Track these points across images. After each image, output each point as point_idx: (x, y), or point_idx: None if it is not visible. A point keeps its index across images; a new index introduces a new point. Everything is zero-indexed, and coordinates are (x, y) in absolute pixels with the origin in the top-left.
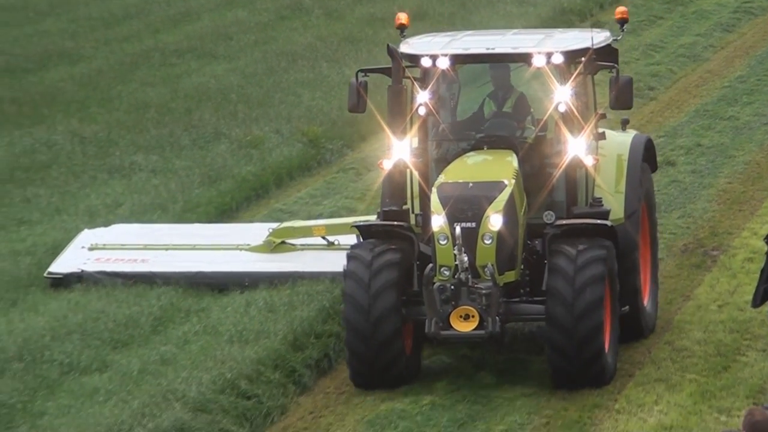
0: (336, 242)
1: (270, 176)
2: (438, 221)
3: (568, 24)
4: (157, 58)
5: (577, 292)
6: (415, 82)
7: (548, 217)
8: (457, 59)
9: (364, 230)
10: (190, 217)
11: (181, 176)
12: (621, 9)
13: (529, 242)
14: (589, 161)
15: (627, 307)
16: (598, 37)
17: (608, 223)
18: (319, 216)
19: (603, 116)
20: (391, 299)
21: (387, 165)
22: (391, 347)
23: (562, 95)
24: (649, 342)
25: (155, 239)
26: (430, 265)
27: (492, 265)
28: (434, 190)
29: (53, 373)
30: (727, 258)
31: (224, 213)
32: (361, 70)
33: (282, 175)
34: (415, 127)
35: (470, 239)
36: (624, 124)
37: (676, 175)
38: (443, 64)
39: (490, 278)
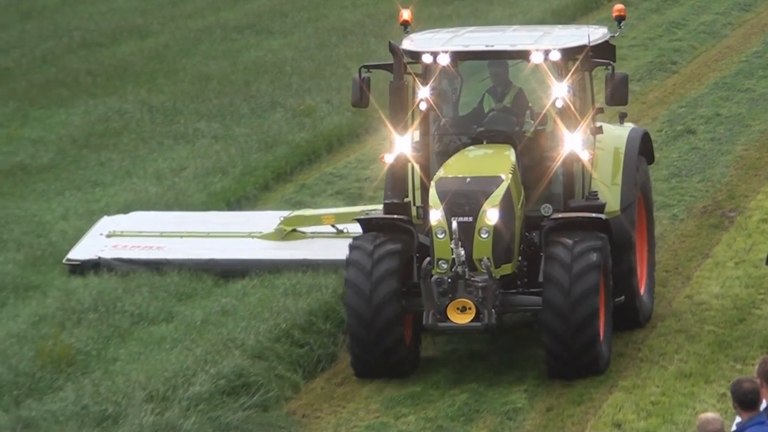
0: (345, 230)
1: (321, 142)
2: (436, 215)
3: (597, 3)
4: (219, 34)
5: (574, 279)
6: (416, 78)
7: (546, 209)
8: (457, 56)
9: (365, 223)
10: (249, 179)
11: (240, 142)
12: (618, 7)
13: (527, 234)
14: (585, 156)
15: (623, 297)
16: (595, 35)
17: (603, 216)
18: (366, 180)
19: (600, 110)
20: (392, 286)
21: (388, 159)
22: (391, 333)
23: (559, 91)
24: (670, 295)
25: (171, 227)
26: (428, 258)
27: (488, 258)
28: (433, 184)
29: (125, 323)
30: (743, 219)
31: (279, 177)
32: (364, 66)
33: (332, 142)
34: (417, 122)
35: (467, 233)
36: (622, 118)
37: (697, 143)
38: (444, 60)
39: (486, 272)
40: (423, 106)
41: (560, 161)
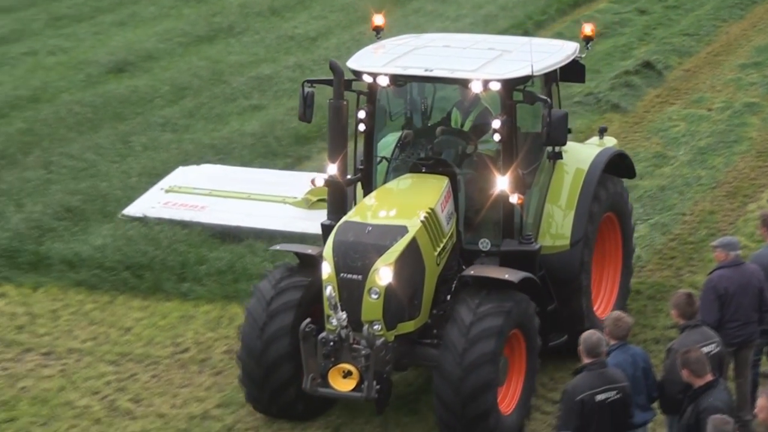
0: None
1: None
2: (326, 269)
3: None
4: None
5: (469, 344)
6: (360, 96)
7: (483, 244)
8: (396, 78)
9: (297, 254)
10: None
11: None
12: (588, 27)
13: (464, 267)
14: (513, 199)
15: (565, 337)
16: (561, 54)
17: (515, 280)
18: None
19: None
20: (287, 320)
21: (318, 182)
22: (281, 369)
23: (495, 125)
24: None
25: (222, 185)
26: (307, 320)
27: (377, 322)
28: (335, 229)
29: None
30: None
31: None
32: (307, 81)
33: None
34: (360, 141)
35: (356, 292)
36: (601, 132)
37: None
38: (383, 81)
39: (367, 340)
40: (361, 128)
41: (493, 202)
